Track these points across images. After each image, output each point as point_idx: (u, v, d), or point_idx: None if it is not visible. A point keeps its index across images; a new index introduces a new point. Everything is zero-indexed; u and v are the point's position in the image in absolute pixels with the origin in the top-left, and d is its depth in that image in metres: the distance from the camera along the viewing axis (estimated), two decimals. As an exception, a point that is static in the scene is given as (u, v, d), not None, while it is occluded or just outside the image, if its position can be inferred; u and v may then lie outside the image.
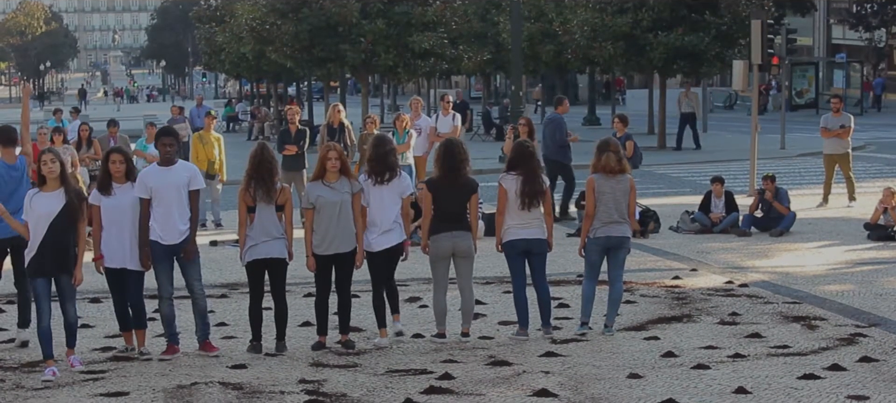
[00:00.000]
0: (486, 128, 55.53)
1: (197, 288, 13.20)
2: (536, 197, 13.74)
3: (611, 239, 13.89)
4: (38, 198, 12.30)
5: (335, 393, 11.44)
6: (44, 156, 12.38)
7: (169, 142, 13.18)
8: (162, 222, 12.99)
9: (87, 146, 25.84)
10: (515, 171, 13.83)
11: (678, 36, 43.76)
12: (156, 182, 13.02)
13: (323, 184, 13.21)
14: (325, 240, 13.20)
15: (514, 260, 13.89)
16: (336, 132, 24.30)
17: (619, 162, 13.96)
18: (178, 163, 13.27)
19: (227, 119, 68.77)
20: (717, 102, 76.79)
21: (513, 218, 13.78)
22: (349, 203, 13.20)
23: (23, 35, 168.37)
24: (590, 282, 14.04)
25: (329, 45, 47.20)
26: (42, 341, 12.37)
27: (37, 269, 12.28)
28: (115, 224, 12.87)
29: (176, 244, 13.03)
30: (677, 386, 11.46)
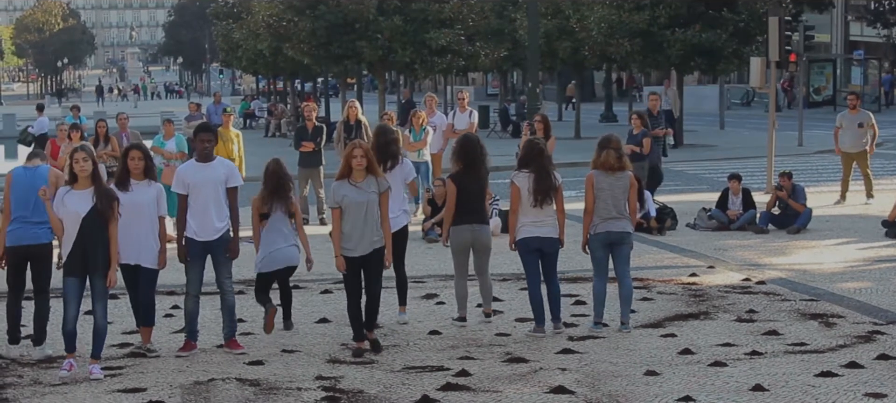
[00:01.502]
0: (503, 126, 55.49)
1: (227, 286, 13.17)
2: (549, 194, 13.79)
3: (611, 234, 13.91)
4: (69, 197, 12.15)
5: (352, 390, 11.44)
6: (76, 154, 12.23)
7: (207, 137, 13.14)
8: (198, 218, 12.97)
9: (105, 142, 25.86)
10: (527, 169, 13.89)
11: (695, 33, 43.69)
12: (193, 178, 13.01)
13: (349, 183, 12.95)
14: (353, 242, 12.94)
15: (527, 257, 13.93)
16: (353, 129, 24.31)
17: (619, 159, 13.98)
18: (217, 159, 13.24)
19: (243, 115, 68.83)
20: (734, 99, 76.65)
21: (526, 215, 13.84)
22: (376, 203, 12.94)
23: (40, 32, 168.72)
24: (599, 280, 14.06)
25: (346, 41, 47.24)
26: (67, 340, 12.27)
27: (70, 269, 12.18)
28: (132, 220, 12.76)
29: (211, 240, 13.00)
30: (694, 384, 11.44)
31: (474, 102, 66.00)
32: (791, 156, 38.28)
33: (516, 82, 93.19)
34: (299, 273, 14.38)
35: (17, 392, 11.63)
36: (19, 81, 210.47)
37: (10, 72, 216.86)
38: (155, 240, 12.96)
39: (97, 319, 12.27)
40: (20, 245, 13.05)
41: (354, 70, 56.29)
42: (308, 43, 48.06)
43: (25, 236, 12.96)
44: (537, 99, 36.18)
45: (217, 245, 13.04)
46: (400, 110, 44.82)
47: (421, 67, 50.04)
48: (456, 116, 26.47)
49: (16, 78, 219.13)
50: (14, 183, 13.12)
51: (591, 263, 14.16)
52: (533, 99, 35.19)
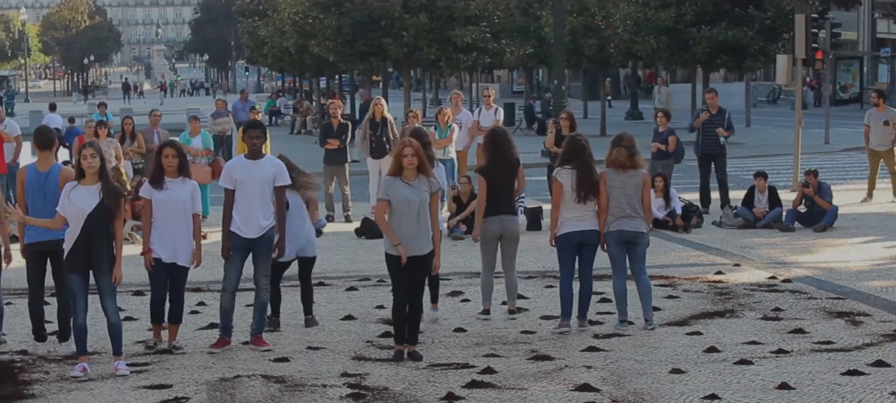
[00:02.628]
0: (529, 123, 55.47)
1: (262, 283, 13.18)
2: (592, 190, 13.81)
3: (624, 232, 13.89)
4: (76, 192, 12.12)
5: (377, 387, 11.45)
6: (84, 150, 12.21)
7: (256, 134, 13.17)
8: (244, 215, 12.98)
9: (131, 139, 25.96)
10: (570, 165, 13.89)
11: (721, 30, 43.61)
12: (241, 174, 13.02)
13: (401, 181, 12.61)
14: (406, 243, 12.55)
15: (565, 252, 13.96)
16: (378, 126, 24.34)
17: (631, 157, 13.95)
18: (266, 157, 13.29)
19: (268, 112, 68.94)
20: (760, 97, 76.43)
21: (568, 211, 13.86)
22: (427, 203, 12.63)
23: (67, 29, 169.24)
24: (619, 278, 14.06)
25: (371, 39, 47.25)
26: (77, 336, 12.29)
27: (72, 264, 12.17)
28: (168, 218, 12.80)
29: (254, 238, 13.01)
30: (720, 382, 11.42)
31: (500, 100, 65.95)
32: (817, 154, 38.16)
33: (542, 79, 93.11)
34: (324, 269, 14.41)
35: (43, 387, 11.67)
36: (46, 78, 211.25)
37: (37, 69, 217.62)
38: (190, 238, 12.97)
39: (110, 317, 12.27)
40: (39, 241, 13.09)
41: (380, 67, 56.29)
42: (333, 40, 48.07)
43: (44, 233, 12.98)
44: (563, 96, 36.16)
45: (260, 242, 13.05)
46: (360, 112, 44.79)
47: (446, 65, 50.01)
48: (481, 113, 26.45)
49: (42, 75, 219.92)
50: (28, 185, 13.13)
51: (610, 262, 14.14)
52: (558, 96, 35.16)
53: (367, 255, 19.41)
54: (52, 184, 12.97)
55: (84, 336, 12.26)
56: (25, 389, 11.58)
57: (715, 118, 24.18)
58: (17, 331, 14.17)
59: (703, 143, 24.37)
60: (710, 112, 24.29)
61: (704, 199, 24.32)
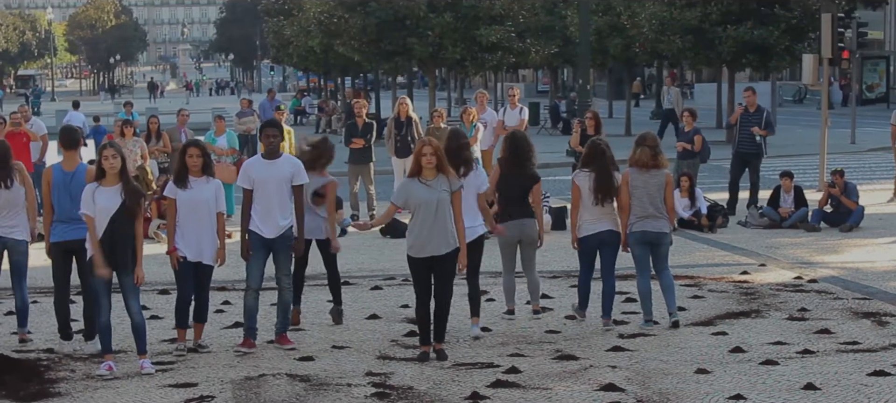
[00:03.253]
0: (553, 122, 55.42)
1: (284, 282, 13.16)
2: (609, 193, 13.88)
3: (647, 233, 13.90)
4: (99, 193, 12.14)
5: (402, 386, 11.45)
6: (105, 150, 12.23)
7: (273, 133, 13.13)
8: (262, 214, 12.96)
9: (157, 138, 26.02)
10: (588, 169, 13.96)
11: (747, 30, 43.49)
12: (259, 174, 12.99)
13: (419, 181, 12.53)
14: (420, 242, 12.52)
15: (585, 254, 14.13)
16: (403, 126, 24.35)
17: (654, 157, 13.96)
18: (283, 156, 13.23)
19: (294, 112, 69.01)
20: (786, 96, 76.21)
21: (586, 213, 13.95)
22: (447, 202, 12.52)
23: (93, 28, 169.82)
24: (643, 278, 14.07)
25: (396, 38, 47.33)
26: (102, 335, 12.34)
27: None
28: (192, 217, 12.80)
29: (273, 237, 12.99)
30: (745, 382, 11.38)
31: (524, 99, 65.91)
32: (843, 154, 38.02)
33: (567, 79, 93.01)
34: (349, 269, 14.41)
35: (69, 386, 11.71)
36: (72, 78, 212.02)
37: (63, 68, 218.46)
38: (215, 237, 12.98)
39: (133, 316, 12.30)
40: (64, 240, 13.14)
41: (405, 67, 56.34)
42: (359, 39, 48.16)
43: (69, 232, 13.05)
44: (588, 96, 36.11)
45: (279, 242, 13.03)
46: (346, 113, 44.77)
47: (471, 64, 50.06)
48: (506, 113, 26.42)
49: (68, 74, 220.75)
50: (54, 185, 13.16)
51: (633, 262, 14.14)
52: (584, 96, 35.11)
53: (392, 254, 19.42)
54: (77, 183, 13.00)
55: (108, 335, 12.31)
56: (51, 387, 11.62)
57: (752, 116, 23.97)
58: (43, 330, 14.23)
59: (739, 142, 24.20)
60: (747, 109, 24.12)
61: (732, 200, 24.18)
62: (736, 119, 24.46)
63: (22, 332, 13.69)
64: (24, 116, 25.20)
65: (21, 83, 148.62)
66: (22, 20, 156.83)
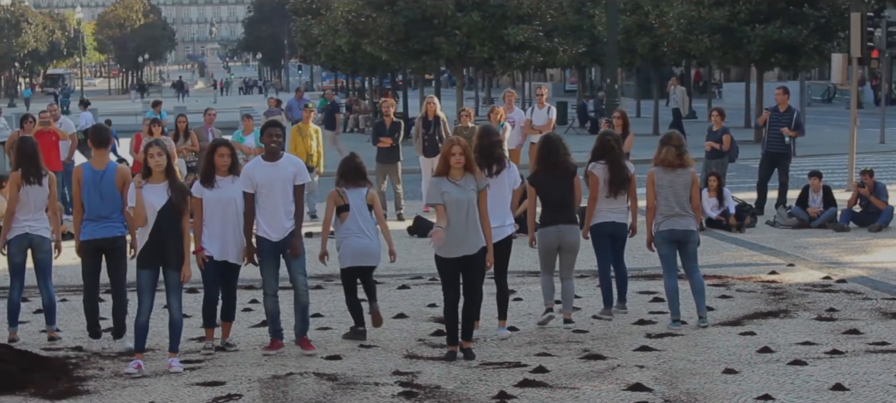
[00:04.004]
0: (581, 122, 55.36)
1: (301, 283, 13.00)
2: (623, 185, 14.27)
3: (674, 232, 13.98)
4: (146, 190, 12.23)
5: (429, 385, 11.45)
6: (151, 148, 12.31)
7: (275, 133, 12.91)
8: (268, 218, 12.80)
9: (185, 137, 26.07)
10: (602, 161, 14.30)
11: (776, 29, 43.35)
12: (263, 177, 12.78)
13: (448, 180, 12.48)
14: (452, 241, 12.45)
15: (600, 241, 14.42)
16: (431, 125, 24.36)
17: (679, 156, 14.00)
18: (285, 157, 13.03)
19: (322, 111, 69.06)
20: (815, 96, 75.94)
21: (601, 203, 14.33)
22: (476, 201, 12.53)
23: (122, 28, 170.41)
24: (670, 278, 14.10)
25: (424, 37, 47.31)
26: (137, 334, 12.39)
27: (143, 261, 12.27)
28: (219, 216, 12.83)
29: (282, 240, 12.85)
30: (773, 382, 11.35)
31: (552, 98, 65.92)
32: (873, 154, 37.88)
33: (594, 78, 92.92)
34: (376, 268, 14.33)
35: (98, 384, 11.74)
36: (101, 77, 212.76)
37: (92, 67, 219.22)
38: (241, 236, 12.99)
39: (173, 313, 12.38)
40: (94, 239, 13.18)
41: (432, 66, 56.34)
42: (386, 39, 48.16)
43: (99, 230, 13.10)
44: (616, 95, 36.06)
45: (288, 243, 12.91)
46: (326, 116, 44.69)
47: (499, 63, 50.00)
48: (534, 112, 26.40)
49: (97, 73, 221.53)
50: (83, 184, 13.19)
51: (660, 261, 14.16)
52: (611, 95, 35.07)
53: (420, 253, 19.43)
54: (107, 182, 13.05)
55: (145, 335, 12.41)
56: (80, 385, 11.66)
57: (782, 116, 23.86)
58: (72, 328, 14.28)
59: (769, 142, 24.11)
60: (777, 109, 24.02)
61: (760, 200, 24.10)
62: (764, 120, 24.38)
63: (50, 329, 13.77)
64: (52, 115, 25.30)
65: (50, 82, 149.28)
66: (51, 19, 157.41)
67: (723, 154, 23.54)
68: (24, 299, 14.51)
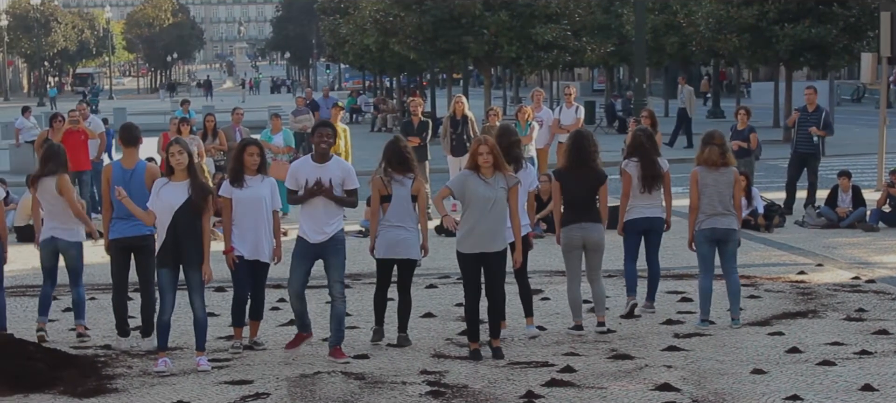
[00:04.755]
0: (609, 121, 55.28)
1: (337, 290, 12.70)
2: (656, 180, 14.34)
3: (716, 231, 13.95)
4: (166, 189, 12.24)
5: (456, 384, 11.45)
6: (172, 147, 12.28)
7: (326, 133, 12.68)
8: (310, 219, 12.61)
9: (213, 136, 26.12)
10: (635, 158, 14.37)
11: (805, 28, 43.22)
12: (309, 177, 12.60)
13: (478, 176, 12.47)
14: (472, 238, 12.45)
15: (631, 238, 14.50)
16: (459, 124, 24.35)
17: (723, 155, 13.99)
18: (333, 159, 12.78)
19: (350, 110, 69.19)
20: (844, 95, 75.68)
21: (635, 200, 14.37)
22: (503, 200, 12.44)
23: (151, 27, 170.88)
24: (706, 277, 14.04)
25: (452, 36, 47.35)
26: (160, 332, 12.39)
27: (162, 260, 12.29)
28: (248, 216, 12.80)
29: (321, 243, 12.60)
30: (802, 383, 11.32)
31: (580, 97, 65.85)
32: (902, 153, 37.69)
33: (622, 77, 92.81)
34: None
35: (126, 382, 11.78)
36: (129, 76, 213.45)
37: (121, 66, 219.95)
38: (270, 235, 13.00)
39: (196, 312, 12.37)
40: (123, 237, 13.22)
41: (460, 65, 56.38)
42: (414, 38, 48.21)
43: (128, 229, 13.14)
44: (644, 94, 36.00)
45: (329, 247, 12.64)
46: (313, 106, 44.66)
47: (527, 62, 50.02)
48: (562, 112, 26.37)
49: (126, 72, 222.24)
50: (113, 181, 13.21)
51: (698, 260, 14.11)
52: (639, 94, 35.00)
53: (447, 252, 19.36)
54: (137, 180, 13.08)
55: (167, 333, 12.40)
56: (109, 383, 11.70)
57: (811, 116, 23.76)
58: (101, 326, 14.34)
59: (797, 142, 24.03)
60: (806, 109, 23.94)
61: (789, 200, 24.03)
62: (793, 122, 24.31)
63: (79, 324, 13.81)
64: (82, 114, 25.39)
65: (79, 81, 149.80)
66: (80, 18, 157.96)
67: (750, 152, 23.46)
68: (54, 298, 14.56)
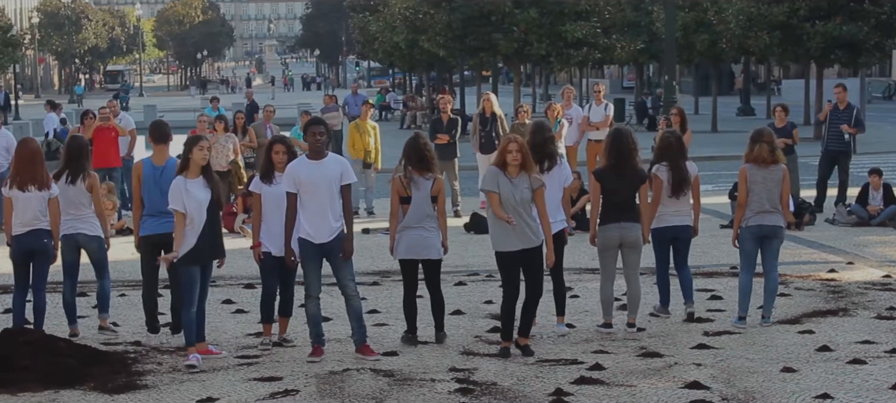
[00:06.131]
0: (639, 119, 55.20)
1: (350, 289, 12.59)
2: (685, 185, 14.00)
3: (763, 227, 13.86)
4: (191, 185, 12.25)
5: (485, 382, 11.44)
6: (201, 143, 12.35)
7: (319, 131, 12.50)
8: (313, 220, 12.38)
9: (242, 134, 26.19)
10: (664, 162, 14.07)
11: (836, 25, 43.08)
12: (307, 176, 12.39)
13: (505, 175, 12.46)
14: (511, 235, 12.41)
15: (660, 245, 14.18)
16: (488, 122, 24.34)
17: (772, 152, 13.91)
18: (329, 156, 12.61)
19: (379, 107, 69.26)
20: (875, 93, 75.38)
21: (664, 205, 14.05)
22: (529, 200, 12.42)
23: (181, 24, 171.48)
24: (746, 274, 13.96)
25: (481, 34, 47.34)
26: (189, 328, 12.38)
27: (197, 257, 12.32)
28: (277, 212, 12.77)
29: (326, 242, 12.45)
30: (832, 381, 11.27)
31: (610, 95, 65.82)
32: (934, 151, 37.54)
33: (652, 75, 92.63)
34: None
35: (156, 378, 11.82)
36: (160, 73, 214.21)
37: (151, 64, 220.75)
38: None
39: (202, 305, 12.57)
40: (154, 234, 13.23)
41: (490, 62, 56.37)
42: (444, 35, 48.23)
43: (158, 226, 13.15)
44: (674, 92, 35.93)
45: (334, 246, 12.47)
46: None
47: (556, 60, 49.96)
48: (592, 109, 26.35)
49: (156, 70, 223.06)
50: (144, 179, 13.25)
51: (740, 257, 14.07)
52: (669, 92, 34.94)
53: (477, 250, 19.43)
54: (167, 177, 13.06)
55: (195, 327, 12.42)
56: (139, 379, 11.73)
57: (842, 114, 23.65)
58: (131, 323, 14.38)
59: (828, 139, 23.94)
60: (837, 106, 23.85)
61: (820, 198, 23.93)
62: (825, 116, 24.22)
63: (103, 318, 13.79)
64: (112, 111, 25.48)
65: (110, 78, 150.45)
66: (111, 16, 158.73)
67: (792, 150, 23.36)
68: (82, 294, 14.60)
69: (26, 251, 13.18)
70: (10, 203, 13.13)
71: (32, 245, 13.15)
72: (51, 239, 13.24)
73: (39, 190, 13.06)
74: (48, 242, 13.21)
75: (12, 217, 13.16)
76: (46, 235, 13.19)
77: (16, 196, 13.08)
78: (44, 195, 13.08)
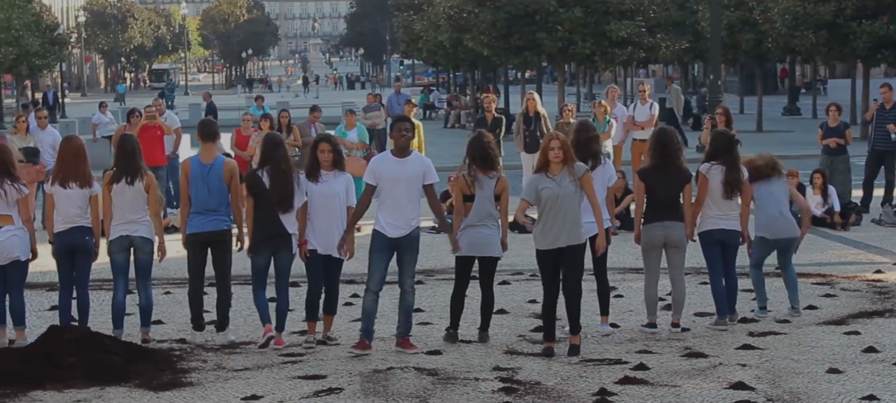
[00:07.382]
0: (684, 118, 54.97)
1: (408, 284, 12.77)
2: (737, 186, 13.71)
3: (780, 240, 14.04)
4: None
5: (529, 381, 11.44)
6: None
7: (405, 127, 12.67)
8: (390, 214, 12.59)
9: (287, 132, 26.25)
10: (718, 161, 13.77)
11: (883, 24, 42.79)
12: (389, 172, 12.59)
13: (546, 176, 12.51)
14: (548, 235, 12.48)
15: (710, 249, 13.85)
16: (532, 121, 24.31)
17: (773, 167, 14.10)
18: (413, 154, 12.79)
19: (423, 107, 69.28)
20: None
21: (712, 208, 13.75)
22: (573, 195, 12.41)
23: (226, 23, 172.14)
24: (756, 270, 14.33)
25: (526, 33, 47.25)
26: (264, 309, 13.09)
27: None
28: (323, 211, 12.90)
29: (399, 237, 12.60)
30: (879, 383, 11.20)
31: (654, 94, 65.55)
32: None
33: (697, 74, 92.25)
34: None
35: (201, 376, 11.87)
36: (205, 72, 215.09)
37: (197, 62, 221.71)
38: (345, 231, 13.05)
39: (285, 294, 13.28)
40: (201, 232, 13.27)
41: (534, 62, 56.29)
42: (488, 34, 48.17)
43: (205, 223, 13.20)
44: (719, 91, 35.80)
45: (405, 242, 12.65)
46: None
47: (601, 59, 49.79)
48: (636, 108, 26.28)
49: (201, 68, 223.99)
50: (191, 177, 13.28)
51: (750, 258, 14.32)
52: (714, 91, 34.82)
53: (520, 249, 19.37)
54: (215, 175, 13.15)
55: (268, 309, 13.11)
56: (183, 377, 11.79)
57: (889, 113, 23.49)
58: (176, 320, 14.45)
59: (875, 139, 23.79)
60: (883, 106, 23.71)
61: (866, 198, 23.78)
62: (871, 115, 24.08)
63: (144, 331, 13.52)
64: (158, 110, 25.59)
65: (155, 77, 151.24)
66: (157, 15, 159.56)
67: (845, 149, 23.21)
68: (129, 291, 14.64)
69: (68, 248, 13.24)
70: (52, 200, 13.21)
71: (74, 242, 13.21)
72: (92, 236, 13.30)
73: (81, 187, 13.14)
74: (89, 239, 13.27)
75: (54, 213, 13.24)
76: (88, 232, 13.26)
77: (57, 193, 13.16)
78: (85, 193, 13.15)
